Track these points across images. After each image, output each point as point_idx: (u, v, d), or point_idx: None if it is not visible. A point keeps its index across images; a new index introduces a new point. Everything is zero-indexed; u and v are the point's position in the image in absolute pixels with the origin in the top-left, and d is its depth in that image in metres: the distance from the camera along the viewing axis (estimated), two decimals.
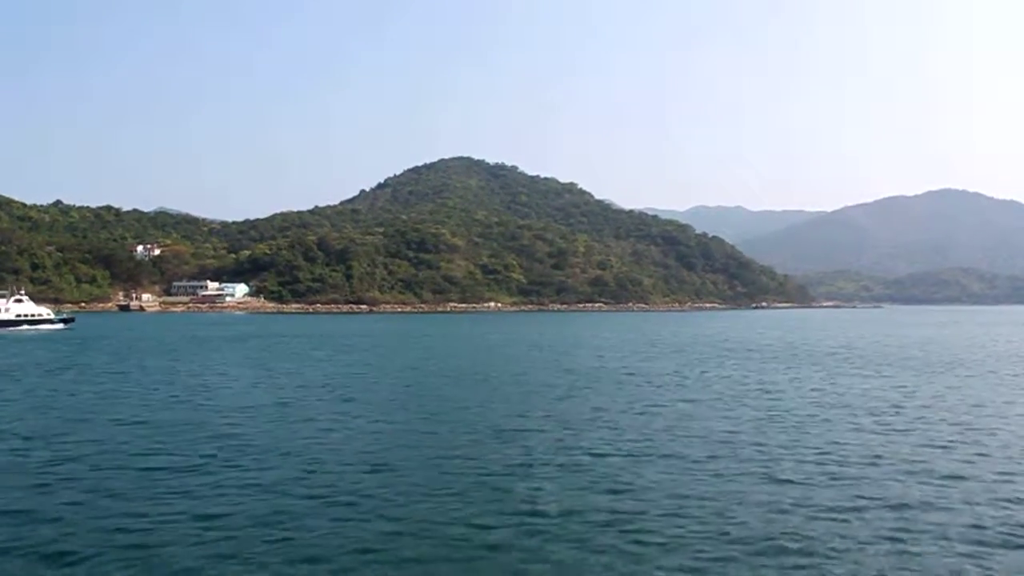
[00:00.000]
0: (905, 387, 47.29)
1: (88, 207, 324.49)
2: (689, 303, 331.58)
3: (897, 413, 36.27)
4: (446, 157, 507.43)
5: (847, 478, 23.06)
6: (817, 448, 27.47)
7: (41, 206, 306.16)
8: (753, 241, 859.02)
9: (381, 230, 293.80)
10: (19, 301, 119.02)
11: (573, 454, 26.04)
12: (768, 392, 43.75)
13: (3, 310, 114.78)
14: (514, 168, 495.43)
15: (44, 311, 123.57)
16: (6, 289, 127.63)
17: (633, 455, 25.99)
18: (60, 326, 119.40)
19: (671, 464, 24.68)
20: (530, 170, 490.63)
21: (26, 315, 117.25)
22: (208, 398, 39.57)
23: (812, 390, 45.17)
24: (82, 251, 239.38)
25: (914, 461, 25.52)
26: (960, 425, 33.08)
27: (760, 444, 28.06)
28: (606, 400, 39.46)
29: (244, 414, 34.25)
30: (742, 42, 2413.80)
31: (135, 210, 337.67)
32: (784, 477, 23.10)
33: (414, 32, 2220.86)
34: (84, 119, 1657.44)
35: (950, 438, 29.89)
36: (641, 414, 35.04)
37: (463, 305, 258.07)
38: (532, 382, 48.04)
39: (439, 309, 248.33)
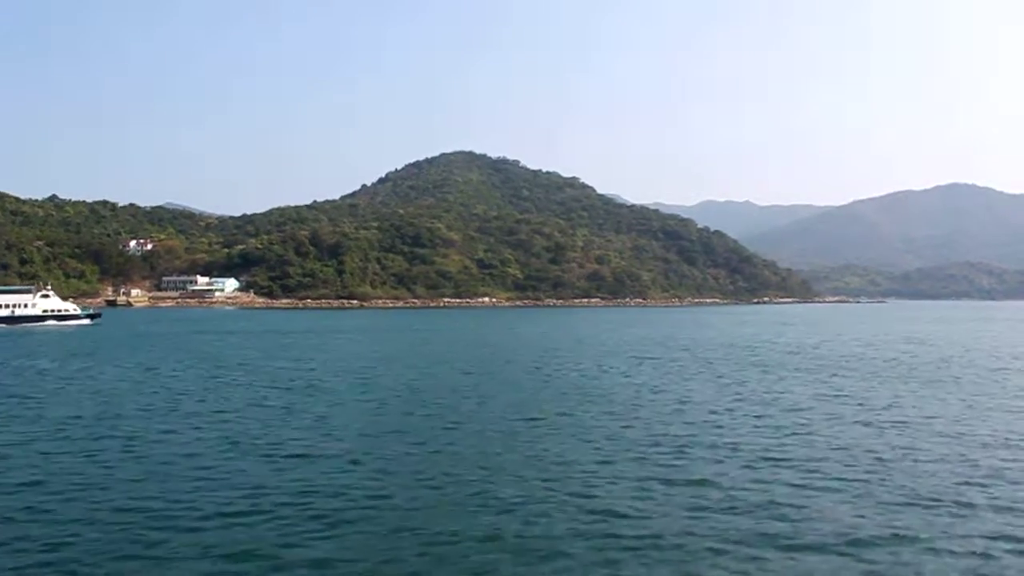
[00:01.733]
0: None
1: (84, 202, 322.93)
2: (689, 298, 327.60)
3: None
4: (448, 151, 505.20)
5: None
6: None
7: (35, 200, 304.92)
8: (761, 236, 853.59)
9: (376, 224, 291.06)
10: (45, 296, 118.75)
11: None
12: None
13: (29, 305, 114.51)
14: (516, 162, 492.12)
15: (71, 306, 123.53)
16: (33, 284, 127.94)
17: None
18: (87, 321, 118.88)
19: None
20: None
21: (52, 310, 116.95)
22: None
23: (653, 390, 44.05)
24: (71, 246, 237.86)
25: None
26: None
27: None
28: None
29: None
30: (751, 36, 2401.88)
31: (131, 205, 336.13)
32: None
33: (422, 29, 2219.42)
34: (93, 118, 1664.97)
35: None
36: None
37: (457, 300, 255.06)
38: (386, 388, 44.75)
39: (432, 304, 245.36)
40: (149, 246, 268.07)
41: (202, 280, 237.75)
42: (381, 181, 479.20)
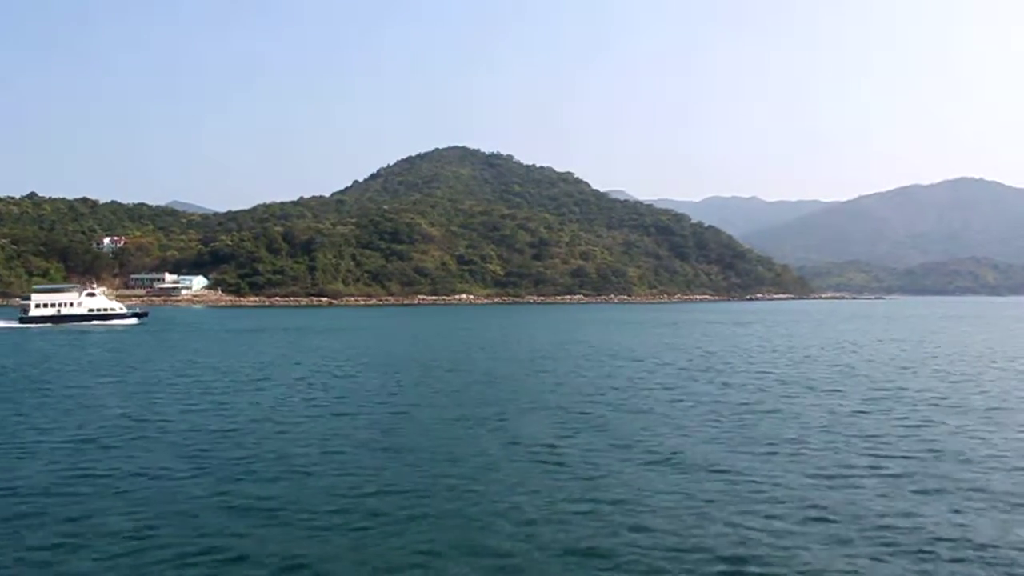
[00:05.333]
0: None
1: (63, 199, 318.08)
2: (679, 295, 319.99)
3: None
4: (441, 147, 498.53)
5: None
6: None
7: (12, 198, 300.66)
8: (767, 231, 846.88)
9: (354, 220, 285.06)
10: (91, 295, 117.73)
11: None
12: None
13: (75, 304, 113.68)
14: (509, 157, 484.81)
15: (117, 305, 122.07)
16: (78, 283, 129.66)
17: None
18: (133, 321, 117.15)
19: None
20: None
21: (98, 309, 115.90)
22: None
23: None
24: (37, 243, 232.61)
25: None
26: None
27: None
28: None
29: None
30: (758, 35, 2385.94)
31: (113, 202, 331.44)
32: None
33: (430, 26, 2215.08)
34: (98, 117, 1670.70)
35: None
36: None
37: (433, 298, 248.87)
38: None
39: (406, 302, 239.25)
40: (122, 243, 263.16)
41: (169, 278, 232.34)
42: (373, 177, 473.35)
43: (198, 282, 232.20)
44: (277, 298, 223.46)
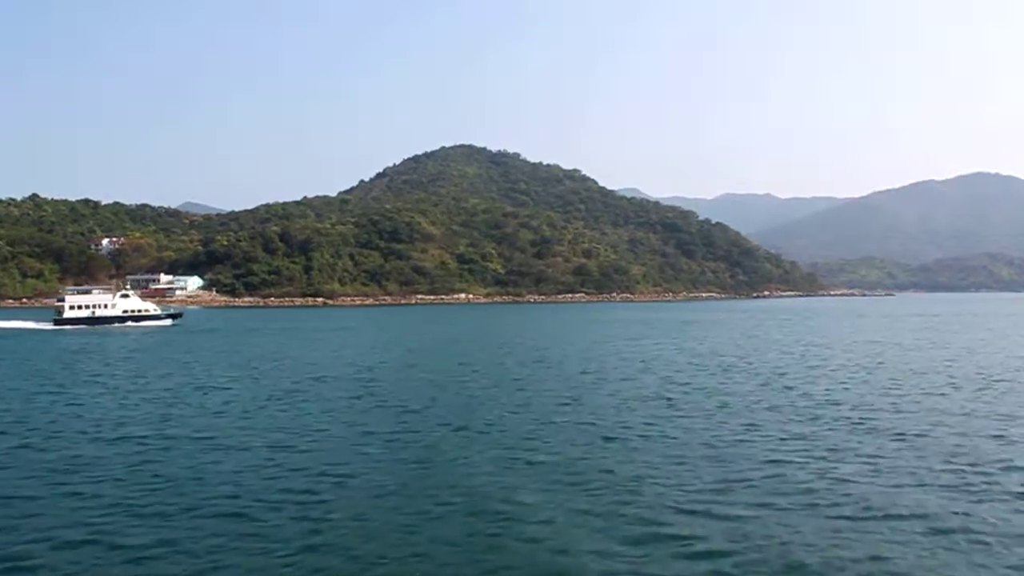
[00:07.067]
0: None
1: (65, 200, 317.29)
2: (684, 292, 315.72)
3: None
4: (447, 145, 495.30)
5: None
6: None
7: (12, 199, 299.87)
8: (781, 228, 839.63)
9: (353, 220, 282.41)
10: (125, 296, 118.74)
11: None
12: None
13: (109, 306, 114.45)
14: (516, 155, 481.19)
15: (151, 307, 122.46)
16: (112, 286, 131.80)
17: None
18: (168, 322, 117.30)
19: None
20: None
21: (133, 311, 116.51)
22: None
23: None
24: (32, 245, 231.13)
25: None
26: None
27: None
28: None
29: None
30: (772, 33, 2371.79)
31: (115, 203, 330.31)
32: None
33: (444, 23, 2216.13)
34: (106, 118, 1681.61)
35: None
36: None
37: (431, 297, 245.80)
38: None
39: (404, 301, 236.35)
40: (119, 244, 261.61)
41: (165, 279, 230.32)
42: (379, 176, 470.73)
43: (193, 283, 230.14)
44: (272, 298, 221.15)
